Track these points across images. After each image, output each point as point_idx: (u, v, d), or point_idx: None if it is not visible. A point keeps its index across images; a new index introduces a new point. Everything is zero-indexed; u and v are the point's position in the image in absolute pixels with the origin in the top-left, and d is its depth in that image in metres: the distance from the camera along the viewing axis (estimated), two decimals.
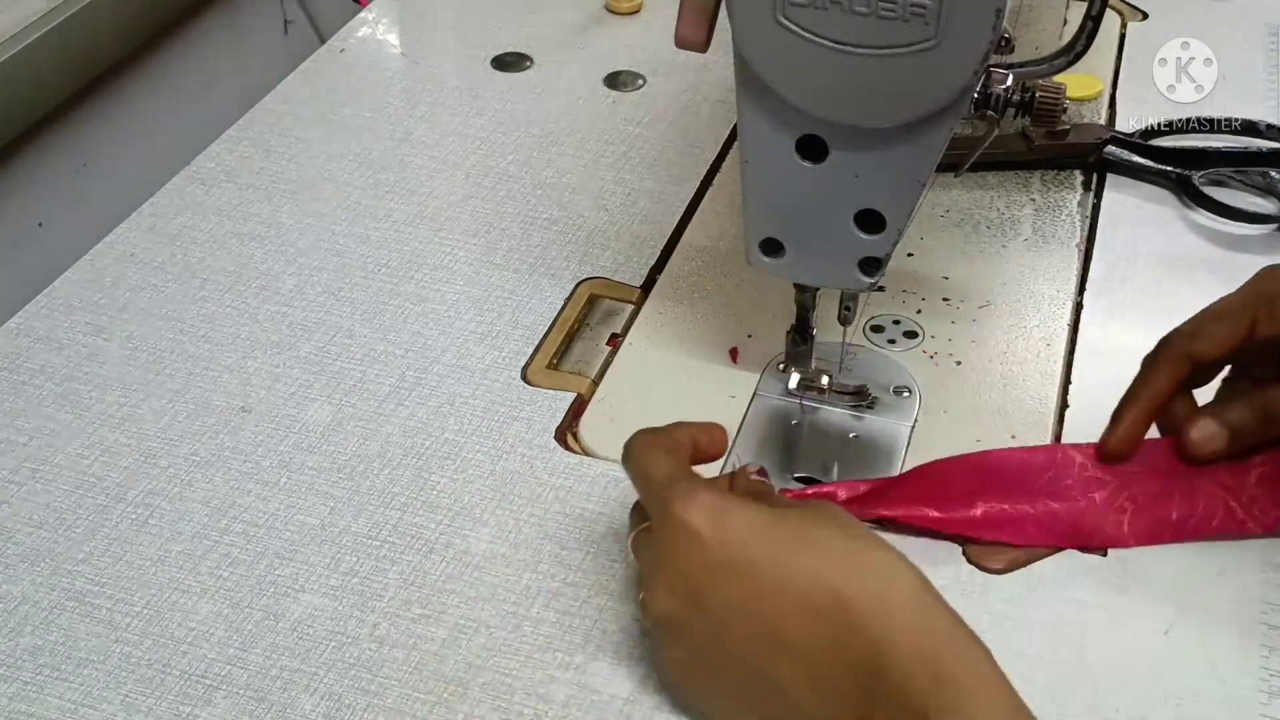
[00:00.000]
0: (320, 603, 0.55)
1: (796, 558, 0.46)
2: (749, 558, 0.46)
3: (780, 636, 0.46)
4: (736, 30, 0.52)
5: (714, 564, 0.47)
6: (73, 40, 0.80)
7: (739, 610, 0.46)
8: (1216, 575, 0.56)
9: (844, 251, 0.57)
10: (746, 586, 0.46)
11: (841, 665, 0.45)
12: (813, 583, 0.45)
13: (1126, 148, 0.79)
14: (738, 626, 0.47)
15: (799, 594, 0.45)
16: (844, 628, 0.45)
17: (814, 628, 0.45)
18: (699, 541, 0.47)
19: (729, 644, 0.47)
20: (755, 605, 0.46)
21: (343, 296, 0.71)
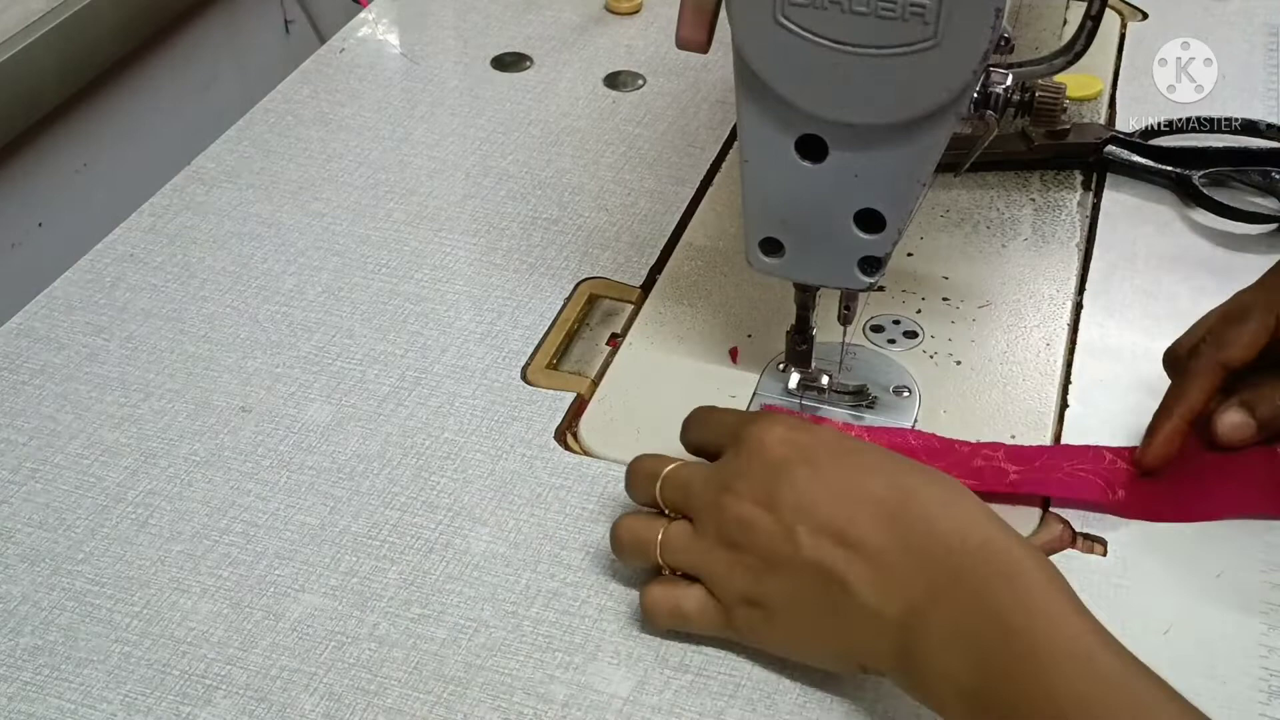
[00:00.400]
0: (320, 603, 0.56)
1: (869, 464, 0.51)
2: (822, 461, 0.50)
3: (849, 532, 0.48)
4: (736, 30, 0.52)
5: (790, 467, 0.50)
6: (73, 40, 0.80)
7: (810, 510, 0.49)
8: (1216, 575, 0.56)
9: (844, 251, 0.57)
10: (819, 488, 0.50)
11: (908, 560, 0.47)
12: (886, 483, 0.49)
13: (1126, 147, 0.79)
14: (807, 523, 0.49)
15: (871, 493, 0.49)
16: (914, 523, 0.48)
17: (883, 524, 0.48)
18: (777, 449, 0.51)
19: (798, 541, 0.49)
20: (827, 504, 0.49)
21: (343, 296, 0.71)
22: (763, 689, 0.52)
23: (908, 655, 0.47)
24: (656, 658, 0.53)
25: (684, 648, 0.54)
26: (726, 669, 0.53)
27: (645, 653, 0.53)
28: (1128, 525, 0.58)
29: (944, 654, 0.46)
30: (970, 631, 0.45)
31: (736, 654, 0.53)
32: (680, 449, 0.57)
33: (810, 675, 0.53)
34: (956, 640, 0.45)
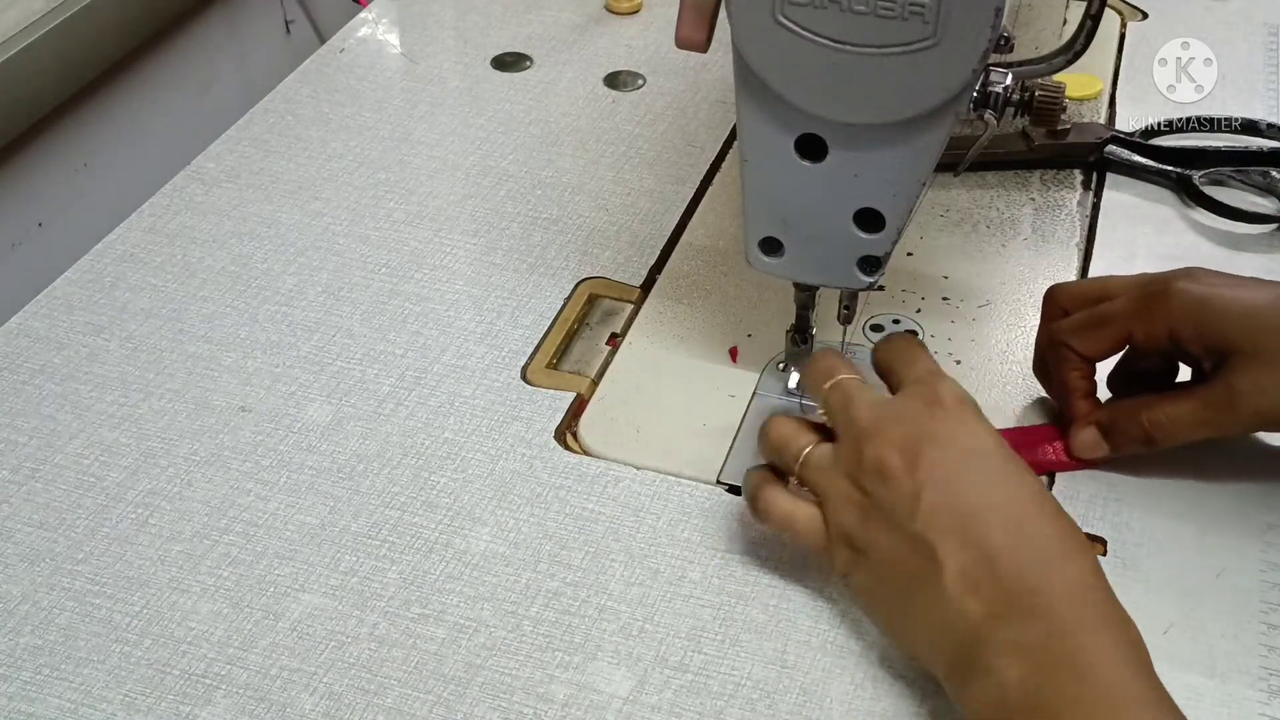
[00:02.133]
0: (320, 602, 0.56)
1: (1016, 477, 0.51)
2: (979, 449, 0.51)
3: (968, 526, 0.49)
4: (736, 30, 0.52)
5: (945, 437, 0.51)
6: (73, 40, 0.80)
7: (943, 484, 0.50)
8: (1216, 575, 0.56)
9: (843, 250, 0.57)
10: (963, 470, 0.50)
11: (1008, 574, 0.48)
12: (1022, 499, 0.50)
13: (1127, 147, 0.79)
14: (934, 496, 0.49)
15: (1004, 500, 0.49)
16: (1029, 542, 0.48)
17: (1000, 533, 0.48)
18: (946, 413, 0.52)
19: (919, 508, 0.50)
20: (963, 490, 0.50)
21: (342, 296, 0.71)
22: (763, 689, 0.52)
23: (967, 660, 0.47)
24: (656, 658, 0.53)
25: (684, 648, 0.54)
26: (726, 669, 0.53)
27: (645, 653, 0.53)
28: (1128, 525, 0.58)
29: (1002, 669, 0.46)
30: (1036, 658, 0.46)
31: (736, 654, 0.53)
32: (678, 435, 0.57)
33: (810, 675, 0.53)
34: (1019, 660, 0.46)
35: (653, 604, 0.55)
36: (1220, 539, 0.57)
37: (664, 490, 0.60)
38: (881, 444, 0.51)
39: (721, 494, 0.60)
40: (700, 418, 0.64)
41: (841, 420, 0.54)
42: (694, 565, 0.57)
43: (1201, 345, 0.57)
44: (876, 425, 0.52)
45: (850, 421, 0.53)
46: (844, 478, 0.52)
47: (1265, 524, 0.58)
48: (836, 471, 0.53)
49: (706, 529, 0.58)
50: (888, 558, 0.51)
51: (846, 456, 0.53)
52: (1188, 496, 0.59)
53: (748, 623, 0.55)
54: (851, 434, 0.53)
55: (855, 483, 0.52)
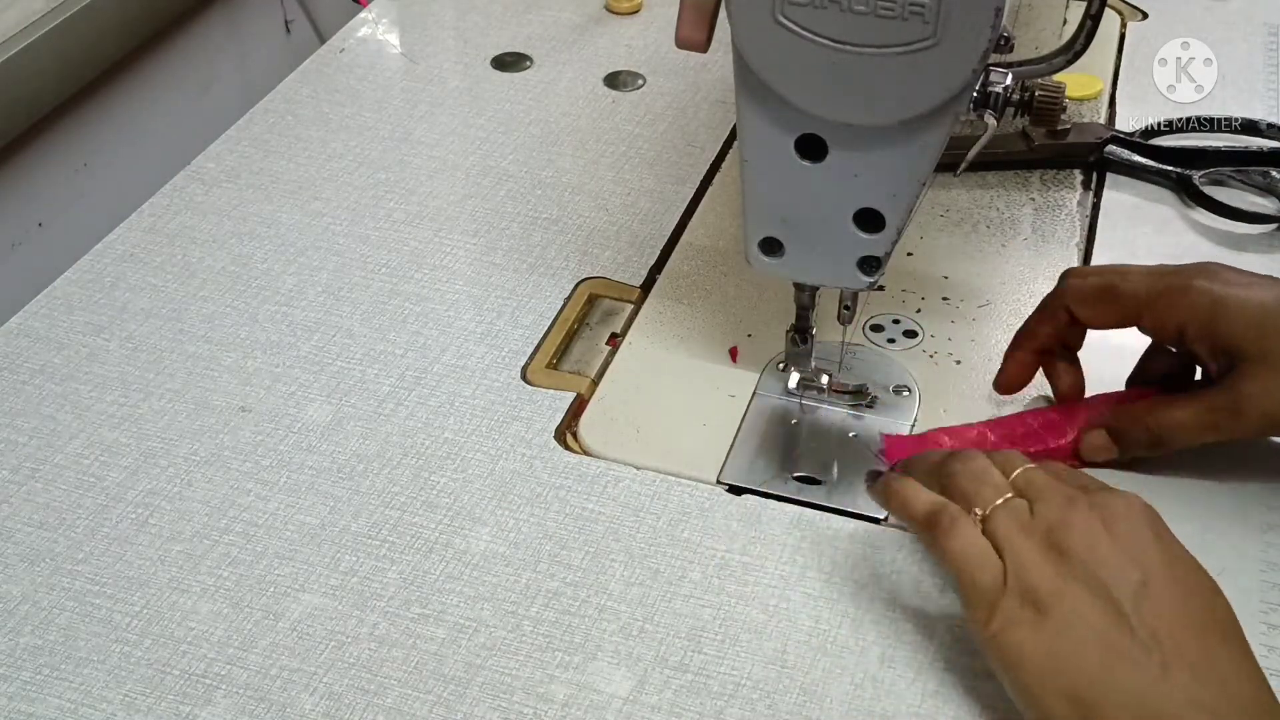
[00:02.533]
0: (320, 602, 0.56)
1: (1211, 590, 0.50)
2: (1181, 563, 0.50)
3: (1194, 609, 0.48)
4: (736, 30, 0.52)
5: (1154, 530, 0.50)
6: (73, 40, 0.80)
7: (1146, 568, 0.49)
8: (1216, 575, 0.56)
9: (843, 250, 0.57)
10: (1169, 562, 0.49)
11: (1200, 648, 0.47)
12: (1211, 605, 0.49)
13: (1127, 147, 0.79)
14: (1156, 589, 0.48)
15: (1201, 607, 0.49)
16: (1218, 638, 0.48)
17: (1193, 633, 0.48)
18: (1152, 514, 0.51)
19: (1151, 590, 0.48)
20: (1165, 582, 0.49)
21: (342, 296, 0.71)
22: (763, 689, 0.52)
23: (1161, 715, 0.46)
24: (656, 658, 0.53)
25: (684, 648, 0.54)
26: (726, 669, 0.53)
27: (645, 653, 0.53)
28: None
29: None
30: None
31: (736, 654, 0.53)
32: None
33: (810, 675, 0.53)
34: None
35: (653, 604, 0.55)
36: (1220, 539, 0.57)
37: (664, 490, 0.60)
38: (1093, 516, 0.50)
39: (721, 494, 0.60)
40: (700, 418, 0.64)
41: (1041, 488, 0.52)
42: (694, 565, 0.57)
43: (1208, 346, 0.57)
44: (1089, 501, 0.51)
45: (1054, 488, 0.52)
46: (1039, 535, 0.50)
47: (1265, 524, 0.58)
48: (1032, 528, 0.50)
49: (706, 529, 0.58)
50: (1081, 623, 0.48)
51: (1049, 515, 0.50)
52: (1188, 496, 0.59)
53: (748, 623, 0.55)
54: (1059, 499, 0.51)
55: (1055, 545, 0.50)
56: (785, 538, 0.58)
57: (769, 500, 0.60)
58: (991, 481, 0.53)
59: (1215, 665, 0.47)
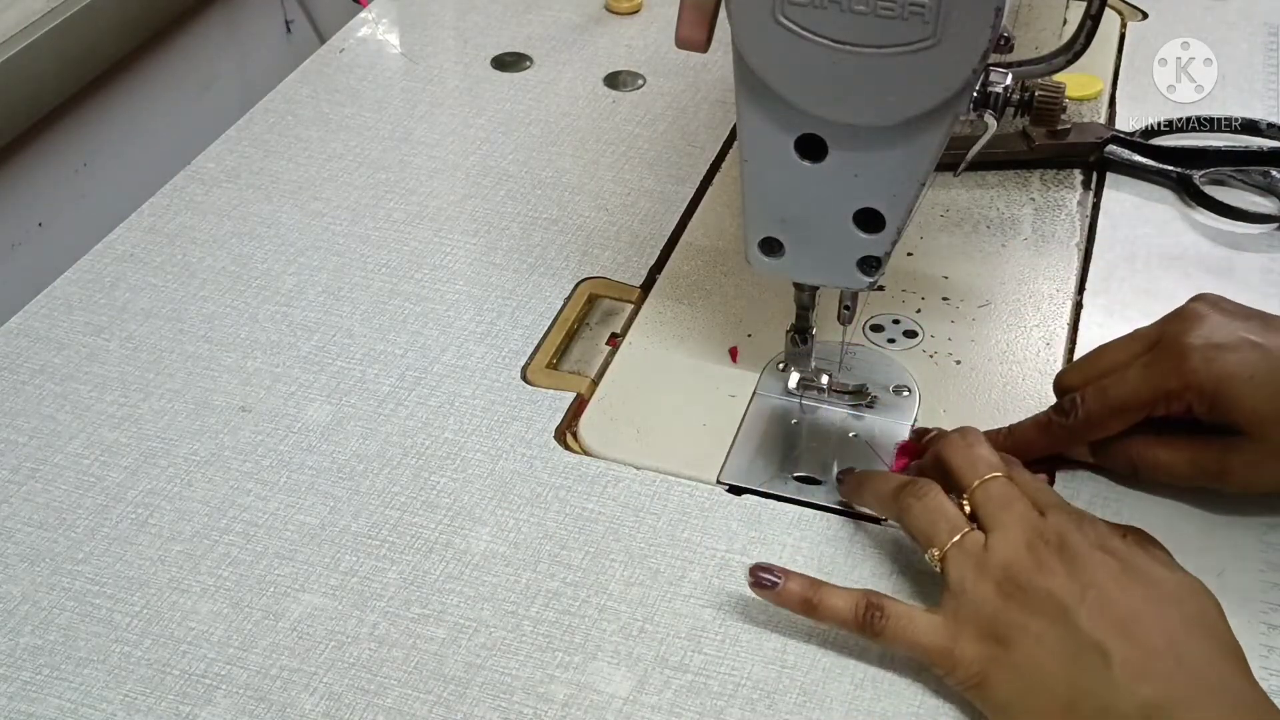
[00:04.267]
0: (320, 602, 0.56)
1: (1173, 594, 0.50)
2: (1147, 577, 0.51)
3: (1135, 626, 0.48)
4: (736, 30, 0.52)
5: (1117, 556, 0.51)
6: (73, 40, 0.80)
7: (1108, 599, 0.49)
8: (1216, 575, 0.56)
9: (843, 250, 0.57)
10: (1131, 588, 0.49)
11: (1178, 671, 0.47)
12: (1185, 614, 0.49)
13: (1127, 147, 0.79)
14: (1100, 598, 0.49)
15: (1171, 615, 0.49)
16: (1195, 647, 0.48)
17: (1167, 639, 0.48)
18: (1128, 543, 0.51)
19: (1085, 601, 0.49)
20: (1138, 607, 0.49)
21: (342, 296, 0.71)
22: (763, 689, 0.52)
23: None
24: (656, 658, 0.53)
25: (684, 648, 0.54)
26: (726, 669, 0.53)
27: (645, 653, 0.53)
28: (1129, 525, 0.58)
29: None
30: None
31: (736, 654, 0.53)
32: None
33: (810, 675, 0.53)
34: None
35: (653, 604, 0.55)
36: (1220, 539, 0.57)
37: (664, 490, 0.60)
38: (1046, 542, 0.51)
39: (721, 494, 0.60)
40: (700, 418, 0.64)
41: (998, 511, 0.53)
42: (694, 565, 0.57)
43: (1210, 417, 0.56)
44: (1039, 526, 0.51)
45: (1010, 512, 0.52)
46: (996, 573, 0.51)
47: (1265, 524, 0.58)
48: (990, 563, 0.51)
49: (706, 529, 0.58)
50: (1042, 648, 0.49)
51: (1002, 549, 0.51)
52: (1188, 496, 0.59)
53: (748, 623, 0.55)
54: (1014, 524, 0.52)
55: (1008, 579, 0.50)
56: (785, 538, 0.58)
57: (769, 500, 0.60)
58: (946, 517, 0.53)
59: (1178, 656, 0.48)
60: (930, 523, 0.53)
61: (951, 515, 0.53)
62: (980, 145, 0.57)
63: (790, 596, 0.53)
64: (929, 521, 0.53)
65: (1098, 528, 0.52)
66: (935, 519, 0.53)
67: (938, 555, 0.52)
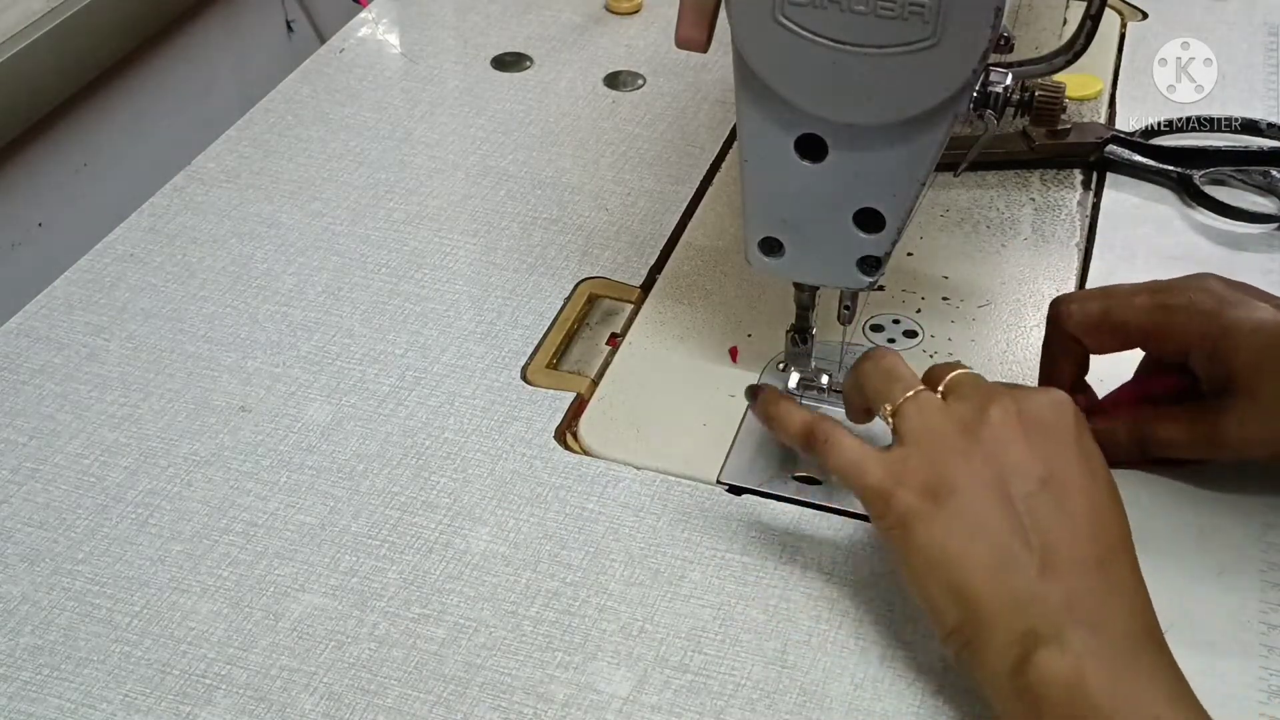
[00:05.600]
0: (320, 602, 0.56)
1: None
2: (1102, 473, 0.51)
3: (1088, 515, 0.49)
4: (736, 30, 0.52)
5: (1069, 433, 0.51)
6: (73, 40, 0.80)
7: (1060, 483, 0.49)
8: (1216, 575, 0.56)
9: (843, 250, 0.57)
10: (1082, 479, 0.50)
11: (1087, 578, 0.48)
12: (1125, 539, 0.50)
13: (1127, 147, 0.79)
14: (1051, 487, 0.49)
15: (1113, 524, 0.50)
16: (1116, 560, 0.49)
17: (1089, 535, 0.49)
18: (1071, 414, 0.51)
19: (1040, 486, 0.49)
20: (1074, 490, 0.49)
21: (342, 296, 0.71)
22: (763, 689, 0.52)
23: (1037, 629, 0.47)
24: (656, 658, 0.53)
25: (684, 648, 0.54)
26: (726, 669, 0.53)
27: (645, 653, 0.53)
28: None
29: (1077, 642, 0.46)
30: (1110, 652, 0.46)
31: (736, 654, 0.53)
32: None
33: (810, 675, 0.53)
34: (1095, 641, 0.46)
35: (653, 604, 0.55)
36: (1220, 539, 0.57)
37: (664, 490, 0.60)
38: (1010, 413, 0.50)
39: (721, 494, 0.60)
40: (700, 418, 0.64)
41: (967, 386, 0.53)
42: (694, 565, 0.57)
43: (1207, 370, 0.57)
44: (1009, 397, 0.51)
45: (978, 389, 0.52)
46: (955, 427, 0.51)
47: (1265, 524, 0.58)
48: (947, 419, 0.51)
49: (706, 529, 0.58)
50: (972, 516, 0.49)
51: (963, 411, 0.51)
52: (1188, 496, 0.59)
53: (748, 623, 0.55)
54: (970, 396, 0.52)
55: (968, 435, 0.50)
56: (785, 538, 0.58)
57: (769, 500, 0.60)
58: (900, 377, 0.53)
59: (1101, 574, 0.48)
60: (885, 380, 0.53)
61: (906, 374, 0.53)
62: (980, 145, 0.57)
63: (759, 405, 0.57)
64: (884, 379, 0.53)
65: (1065, 412, 0.51)
66: (889, 376, 0.53)
67: (889, 410, 0.52)
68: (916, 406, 0.52)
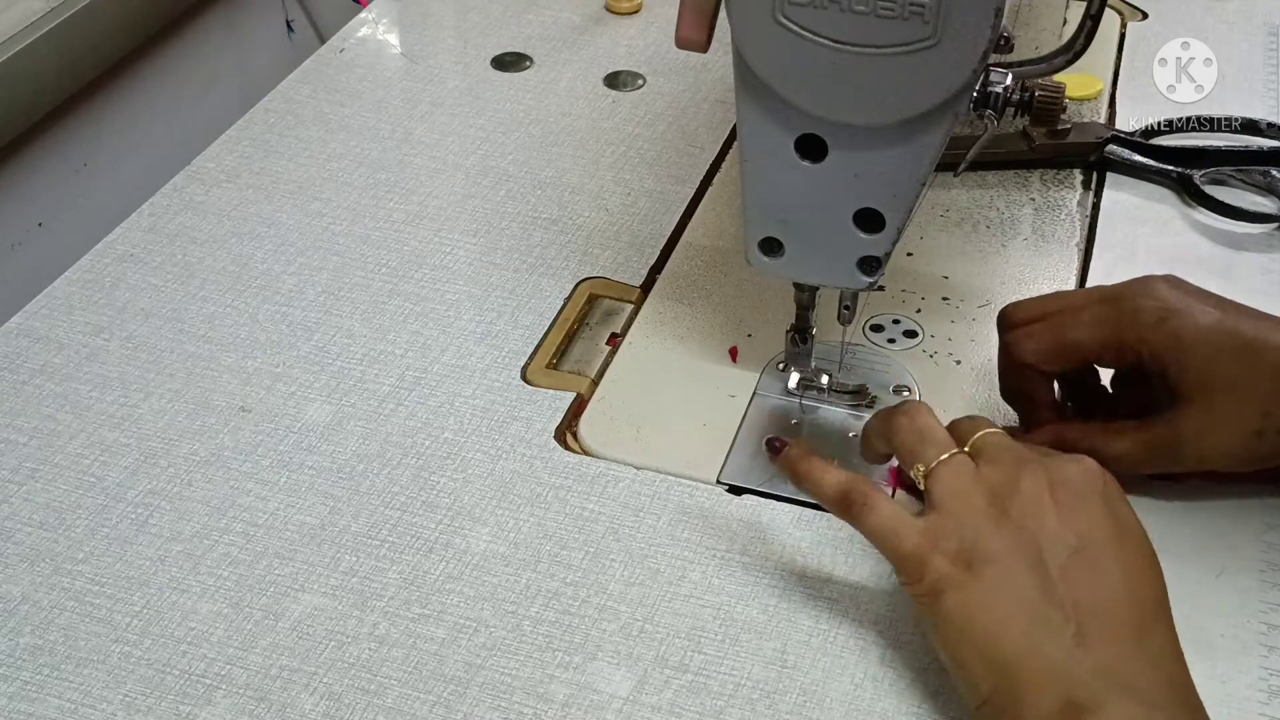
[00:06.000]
0: (320, 602, 0.56)
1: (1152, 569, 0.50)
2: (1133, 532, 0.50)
3: (1121, 581, 0.48)
4: (736, 30, 0.52)
5: (1104, 498, 0.50)
6: (73, 40, 0.80)
7: (1090, 545, 0.49)
8: (1216, 575, 0.56)
9: (843, 251, 0.57)
10: (1111, 543, 0.49)
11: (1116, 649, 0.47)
12: (1157, 592, 0.49)
13: (1127, 147, 0.79)
14: (1081, 556, 0.49)
15: (1144, 589, 0.49)
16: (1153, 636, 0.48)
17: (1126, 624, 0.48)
18: (1104, 479, 0.51)
19: (1073, 553, 0.49)
20: (1104, 557, 0.49)
21: (343, 296, 0.71)
22: (763, 689, 0.52)
23: (1076, 700, 0.46)
24: (656, 658, 0.53)
25: (684, 648, 0.54)
26: (726, 669, 0.53)
27: (645, 653, 0.53)
28: None
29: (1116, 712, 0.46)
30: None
31: (736, 654, 0.53)
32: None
33: (810, 675, 0.53)
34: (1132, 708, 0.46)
35: (653, 604, 0.55)
36: (1220, 539, 0.58)
37: (664, 490, 0.60)
38: (1042, 481, 0.50)
39: (721, 494, 0.60)
40: (700, 418, 0.64)
41: (990, 450, 0.52)
42: (694, 565, 0.57)
43: (1161, 382, 0.56)
44: (1042, 464, 0.51)
45: (1007, 451, 0.52)
46: (985, 494, 0.50)
47: (1265, 524, 0.58)
48: (979, 485, 0.51)
49: (706, 529, 0.58)
50: (1007, 585, 0.48)
51: (995, 477, 0.51)
52: (1188, 496, 0.59)
53: (748, 623, 0.55)
54: (1000, 462, 0.51)
55: (998, 503, 0.50)
56: (785, 538, 0.58)
57: (769, 500, 0.60)
58: (935, 439, 0.53)
59: (1139, 641, 0.47)
60: (919, 439, 0.53)
61: (941, 436, 0.53)
62: (980, 145, 0.57)
63: (785, 461, 0.56)
64: (917, 438, 0.53)
65: (1095, 477, 0.51)
66: (924, 436, 0.53)
67: (923, 471, 0.52)
68: (951, 471, 0.51)
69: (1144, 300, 0.56)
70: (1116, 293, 0.58)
